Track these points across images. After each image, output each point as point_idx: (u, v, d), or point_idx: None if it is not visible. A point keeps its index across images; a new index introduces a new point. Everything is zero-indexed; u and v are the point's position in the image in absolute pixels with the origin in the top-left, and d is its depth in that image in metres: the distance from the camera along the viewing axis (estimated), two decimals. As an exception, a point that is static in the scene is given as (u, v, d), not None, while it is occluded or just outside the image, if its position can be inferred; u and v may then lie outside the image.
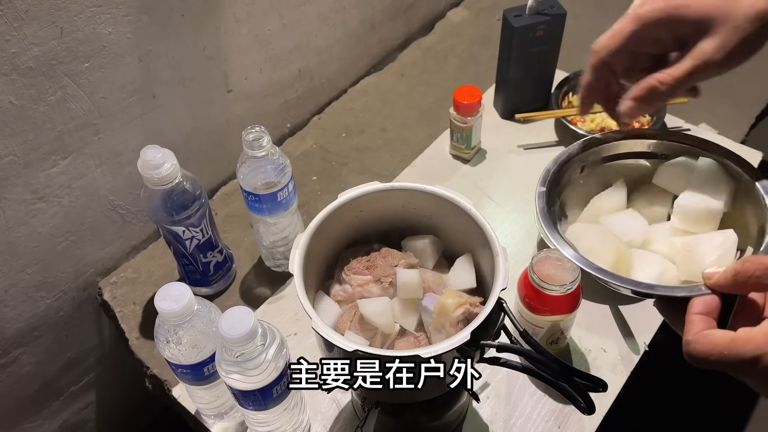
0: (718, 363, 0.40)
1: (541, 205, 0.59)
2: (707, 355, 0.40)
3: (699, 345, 0.40)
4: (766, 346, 0.38)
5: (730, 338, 0.39)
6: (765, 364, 0.37)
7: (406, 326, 0.59)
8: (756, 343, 0.38)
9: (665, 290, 0.49)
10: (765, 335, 0.38)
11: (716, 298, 0.43)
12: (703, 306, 0.43)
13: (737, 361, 0.39)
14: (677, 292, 0.48)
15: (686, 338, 0.42)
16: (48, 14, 0.68)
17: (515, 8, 0.96)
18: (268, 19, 0.95)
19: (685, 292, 0.46)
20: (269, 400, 0.61)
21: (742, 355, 0.38)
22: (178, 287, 0.59)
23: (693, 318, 0.43)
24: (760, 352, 0.38)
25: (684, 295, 0.46)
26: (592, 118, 1.03)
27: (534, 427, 0.72)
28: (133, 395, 1.08)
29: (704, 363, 0.40)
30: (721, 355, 0.39)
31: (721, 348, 0.39)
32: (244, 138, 0.73)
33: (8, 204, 0.76)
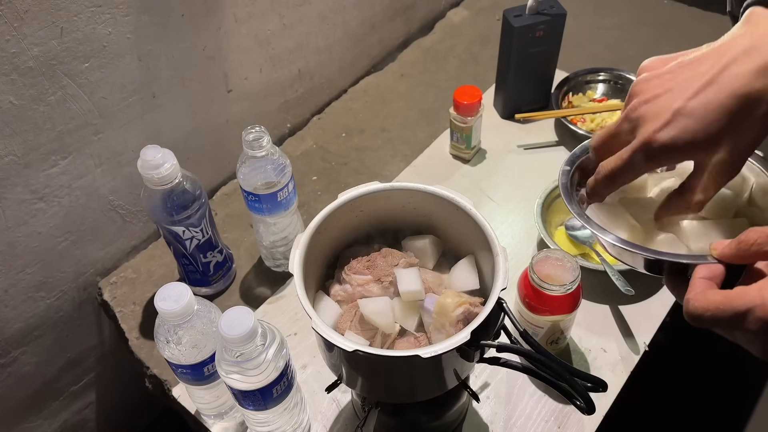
0: (713, 319, 0.41)
1: (563, 181, 0.59)
2: (704, 311, 0.41)
3: (696, 302, 0.42)
4: (759, 299, 0.39)
5: (724, 294, 0.41)
6: (756, 316, 0.39)
7: (406, 326, 0.59)
8: (750, 296, 0.39)
9: (671, 256, 0.49)
10: (759, 289, 0.39)
11: (721, 267, 0.45)
12: (707, 272, 0.45)
13: (731, 315, 0.40)
14: (683, 258, 0.48)
15: (686, 297, 0.43)
16: (48, 14, 0.68)
17: (515, 8, 0.96)
18: (268, 19, 0.95)
19: (690, 260, 0.47)
20: (269, 400, 0.61)
21: (736, 308, 0.39)
22: (178, 287, 0.59)
23: (695, 281, 0.44)
24: (752, 304, 0.39)
25: (689, 262, 0.47)
26: (593, 118, 1.03)
27: (534, 427, 0.72)
28: (133, 395, 1.08)
29: (701, 320, 0.41)
30: (716, 310, 0.40)
31: (716, 303, 0.41)
32: (244, 138, 0.73)
33: (8, 204, 0.76)
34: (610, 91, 1.09)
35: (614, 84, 1.09)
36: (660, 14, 1.29)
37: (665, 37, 1.23)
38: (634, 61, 1.23)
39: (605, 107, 1.03)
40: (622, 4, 1.32)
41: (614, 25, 1.27)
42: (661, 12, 1.30)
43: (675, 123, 0.48)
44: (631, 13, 1.30)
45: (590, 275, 0.81)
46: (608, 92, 1.09)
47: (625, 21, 1.28)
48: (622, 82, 1.08)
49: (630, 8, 1.31)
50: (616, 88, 1.09)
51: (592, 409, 0.49)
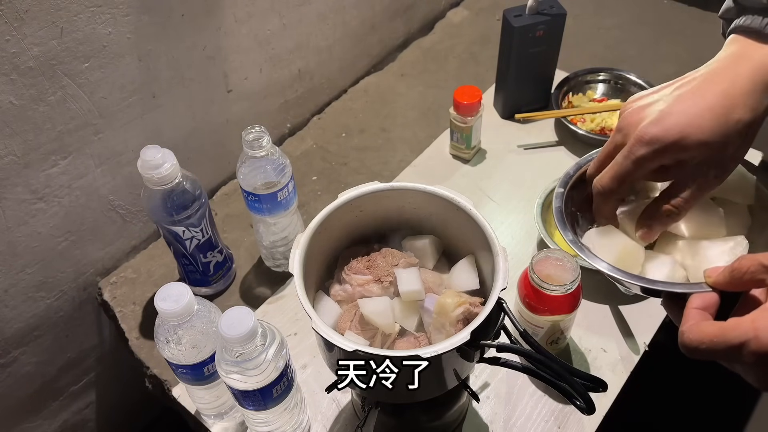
0: (709, 351, 0.41)
1: (558, 205, 0.60)
2: (699, 344, 0.41)
3: (691, 334, 0.42)
4: (752, 332, 0.39)
5: (719, 327, 0.41)
6: (750, 350, 0.38)
7: (406, 326, 0.59)
8: (743, 329, 0.39)
9: (666, 286, 0.49)
10: (752, 321, 0.39)
11: (715, 295, 0.45)
12: (701, 301, 0.45)
13: (726, 348, 0.40)
14: (677, 288, 0.48)
15: (681, 329, 0.44)
16: (48, 14, 0.68)
17: (515, 8, 0.96)
18: (268, 19, 0.95)
19: (684, 289, 0.47)
20: (269, 400, 0.61)
21: (730, 342, 0.39)
22: (178, 287, 0.59)
23: (689, 311, 0.45)
24: (745, 338, 0.39)
25: (683, 291, 0.47)
26: (592, 118, 1.03)
27: (534, 427, 0.72)
28: (133, 395, 1.08)
29: (697, 352, 0.42)
30: (711, 343, 0.40)
31: (711, 336, 0.41)
32: (244, 138, 0.73)
33: (8, 204, 0.76)
34: (610, 91, 1.09)
35: (614, 84, 1.09)
36: (660, 14, 1.29)
37: (665, 37, 1.23)
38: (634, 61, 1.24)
39: (605, 107, 1.03)
40: (622, 4, 1.32)
41: (614, 25, 1.27)
42: (661, 12, 1.30)
43: (663, 120, 0.49)
44: (631, 13, 1.30)
45: (590, 275, 0.81)
46: (608, 92, 1.09)
47: (625, 21, 1.28)
48: (622, 82, 1.08)
49: (630, 8, 1.31)
50: (616, 88, 1.09)
51: (592, 409, 0.49)
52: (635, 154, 0.50)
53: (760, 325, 0.39)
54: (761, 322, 0.39)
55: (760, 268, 0.41)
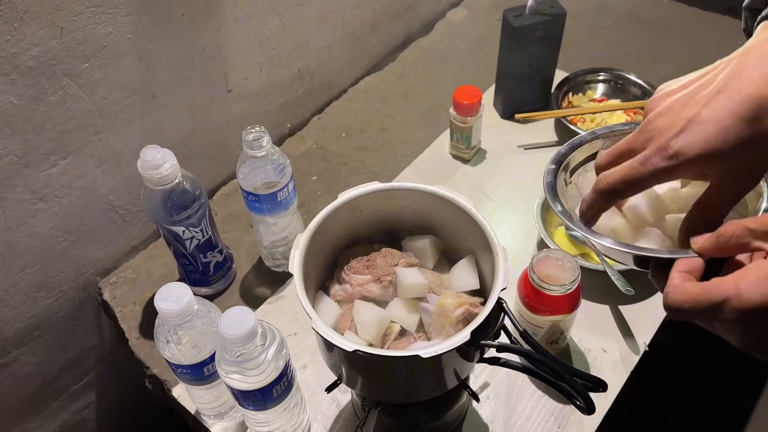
0: (692, 311, 0.41)
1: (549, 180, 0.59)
2: (682, 303, 0.42)
3: (675, 294, 0.42)
4: (734, 289, 0.39)
5: (701, 286, 0.41)
6: (732, 306, 0.39)
7: (406, 326, 0.59)
8: (725, 287, 0.40)
9: (652, 252, 0.49)
10: (734, 279, 0.40)
11: (700, 260, 0.46)
12: (686, 265, 0.45)
13: (708, 306, 0.40)
14: (664, 254, 0.48)
15: (665, 290, 0.44)
16: (48, 14, 0.68)
17: (515, 8, 0.96)
18: (268, 19, 0.95)
19: (671, 254, 0.47)
20: (269, 400, 0.61)
21: (712, 299, 0.40)
22: (178, 287, 0.59)
23: (674, 274, 0.45)
24: (727, 294, 0.39)
25: (670, 257, 0.47)
26: (593, 118, 1.03)
27: (534, 427, 0.72)
28: (133, 395, 1.08)
29: (680, 312, 0.42)
30: (694, 302, 0.41)
31: (694, 295, 0.41)
32: (244, 138, 0.73)
33: (8, 204, 0.76)
34: (610, 91, 1.09)
35: (614, 84, 1.09)
36: (660, 14, 1.29)
37: (665, 37, 1.23)
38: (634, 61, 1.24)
39: (605, 107, 1.03)
40: (622, 4, 1.32)
41: (614, 25, 1.27)
42: (661, 12, 1.30)
43: (690, 131, 0.47)
44: (631, 13, 1.30)
45: (590, 275, 0.81)
46: (608, 92, 1.09)
47: (625, 21, 1.28)
48: (622, 82, 1.08)
49: (630, 8, 1.31)
50: (616, 88, 1.09)
51: (592, 409, 0.49)
52: (654, 165, 0.48)
53: (743, 283, 0.39)
54: (744, 279, 0.39)
55: (746, 232, 0.42)
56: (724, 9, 1.27)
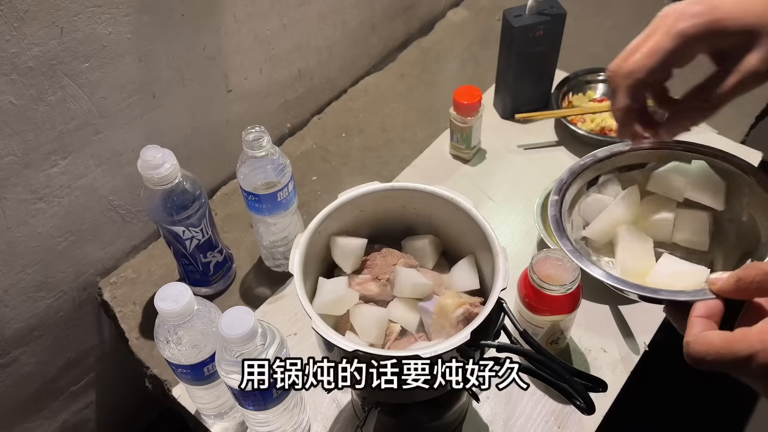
0: (715, 363, 0.40)
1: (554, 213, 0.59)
2: (705, 355, 0.40)
3: (697, 345, 0.41)
4: (759, 344, 0.38)
5: (725, 338, 0.40)
6: (759, 362, 0.38)
7: (406, 326, 0.59)
8: (750, 341, 0.39)
9: (669, 294, 0.49)
10: (759, 333, 0.39)
11: (719, 303, 0.44)
12: (705, 309, 0.44)
13: (733, 360, 0.39)
14: (680, 296, 0.48)
15: (686, 339, 0.43)
16: (48, 14, 0.68)
17: (515, 8, 0.96)
18: (268, 19, 0.95)
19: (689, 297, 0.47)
20: (269, 400, 0.61)
21: (737, 354, 0.39)
22: (178, 287, 0.59)
23: (693, 320, 0.43)
24: (753, 350, 0.38)
25: (687, 300, 0.46)
26: (592, 118, 1.03)
27: (534, 427, 0.72)
28: (133, 395, 1.08)
29: (702, 363, 0.41)
30: (717, 354, 0.40)
31: (717, 348, 0.40)
32: (244, 138, 0.73)
33: (8, 204, 0.76)
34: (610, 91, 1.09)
35: (614, 84, 1.09)
36: (660, 14, 1.29)
37: (665, 37, 1.23)
38: (634, 61, 1.22)
39: (605, 107, 1.03)
40: (622, 4, 1.32)
41: (614, 25, 1.27)
42: (661, 12, 1.30)
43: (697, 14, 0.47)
44: (631, 13, 1.30)
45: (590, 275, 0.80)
46: (608, 92, 1.09)
47: (625, 21, 1.28)
48: (622, 82, 1.08)
49: (630, 8, 1.31)
50: (616, 88, 1.08)
51: (592, 409, 0.49)
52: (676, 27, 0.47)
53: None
54: None
55: (766, 277, 0.41)
56: (724, 9, 1.27)
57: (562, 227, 0.59)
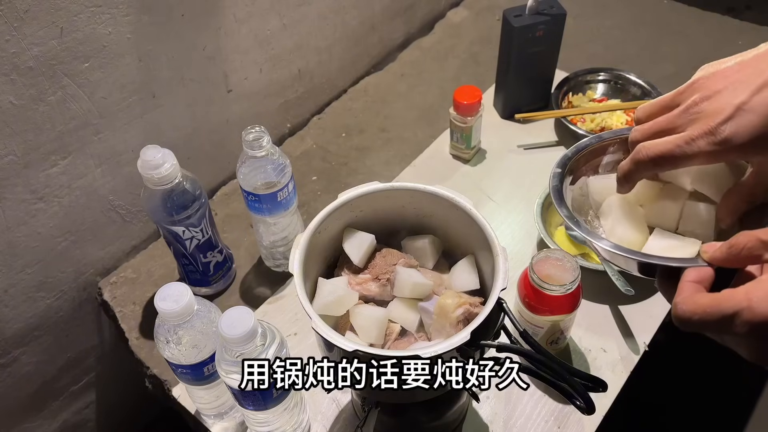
0: (702, 322, 0.41)
1: (555, 184, 0.59)
2: (691, 314, 0.41)
3: (685, 305, 0.42)
4: (746, 302, 0.38)
5: (712, 297, 0.41)
6: (743, 319, 0.38)
7: (406, 326, 0.59)
8: (737, 299, 0.39)
9: (661, 260, 0.49)
10: (746, 292, 0.39)
11: (710, 270, 0.45)
12: (696, 275, 0.44)
13: (719, 318, 0.39)
14: (673, 262, 0.48)
15: (675, 301, 0.43)
16: (48, 14, 0.68)
17: (515, 8, 0.96)
18: (268, 19, 0.95)
19: (680, 263, 0.47)
20: (269, 400, 0.61)
21: (723, 311, 0.39)
22: (178, 287, 0.59)
23: (684, 285, 0.44)
24: (739, 307, 0.39)
25: (679, 266, 0.46)
26: (592, 118, 1.03)
27: (534, 427, 0.72)
28: (133, 395, 1.08)
29: (690, 323, 0.41)
30: (704, 313, 0.40)
31: (704, 307, 0.40)
32: (244, 138, 0.73)
33: (8, 204, 0.76)
34: (610, 91, 1.09)
35: (614, 84, 1.09)
36: (660, 14, 1.29)
37: (665, 37, 1.23)
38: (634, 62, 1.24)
39: (605, 107, 1.03)
40: (622, 4, 1.32)
41: (614, 25, 1.27)
42: (661, 12, 1.30)
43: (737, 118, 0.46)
44: (631, 13, 1.30)
45: (590, 275, 0.81)
46: (608, 92, 1.09)
47: (625, 21, 1.28)
48: (622, 82, 1.08)
49: (630, 8, 1.31)
50: (616, 88, 1.08)
51: (592, 409, 0.49)
52: (699, 147, 0.47)
53: (754, 296, 0.38)
54: (755, 292, 0.39)
55: (758, 243, 0.41)
56: (724, 9, 1.27)
57: (561, 196, 0.58)
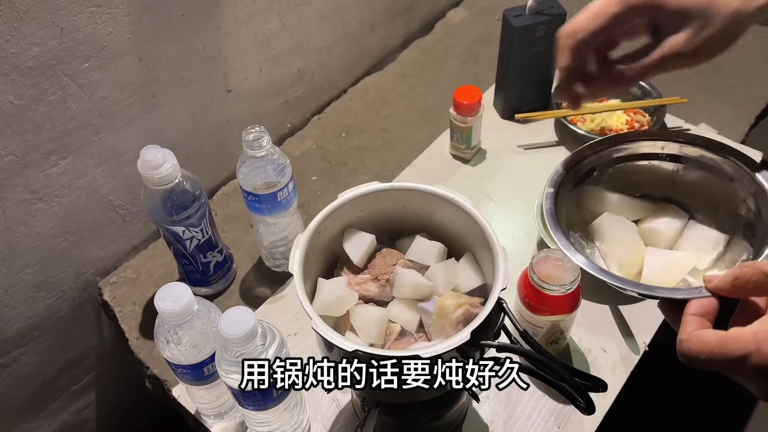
0: (708, 362, 0.40)
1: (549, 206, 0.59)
2: (698, 354, 0.40)
3: (690, 344, 0.41)
4: (753, 345, 0.38)
5: (720, 337, 0.40)
6: (752, 363, 0.38)
7: (406, 327, 0.59)
8: (744, 342, 0.38)
9: (665, 292, 0.49)
10: (753, 334, 0.38)
11: (714, 301, 0.44)
12: (700, 307, 0.44)
13: (726, 360, 0.39)
14: (677, 294, 0.48)
15: (679, 337, 0.43)
16: (48, 14, 0.68)
17: (515, 8, 0.96)
18: (268, 19, 0.95)
19: (684, 294, 0.47)
20: (269, 400, 0.61)
21: (730, 354, 0.39)
22: (178, 287, 0.59)
23: (688, 318, 0.43)
24: (747, 350, 0.38)
25: (683, 297, 0.46)
26: (592, 118, 1.03)
27: (534, 427, 0.72)
28: (133, 395, 1.08)
29: (696, 362, 0.41)
30: (711, 353, 0.39)
31: (711, 347, 0.40)
32: (244, 138, 0.73)
33: (8, 204, 0.76)
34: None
35: (614, 84, 1.08)
36: (660, 14, 1.29)
37: (665, 37, 1.23)
38: (634, 61, 1.22)
39: (605, 107, 1.03)
40: (622, 4, 1.32)
41: (614, 25, 1.27)
42: (661, 12, 1.30)
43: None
44: (631, 13, 1.30)
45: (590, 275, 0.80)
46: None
47: (625, 21, 1.28)
48: (622, 82, 1.08)
49: (630, 8, 1.31)
50: (616, 88, 1.08)
51: (592, 409, 0.49)
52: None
53: (762, 338, 0.38)
54: (763, 334, 0.38)
55: (763, 277, 0.41)
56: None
57: (556, 220, 0.58)
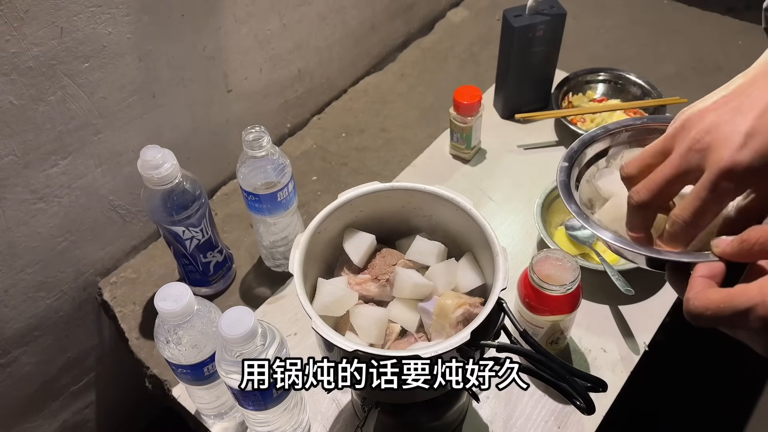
0: (714, 318, 0.40)
1: (562, 178, 0.59)
2: (704, 310, 0.41)
3: (697, 301, 0.41)
4: (759, 297, 0.38)
5: (725, 292, 0.40)
6: (758, 314, 0.38)
7: (406, 326, 0.59)
8: (750, 294, 0.39)
9: (672, 255, 0.49)
10: (759, 287, 0.39)
11: (721, 265, 0.44)
12: (707, 270, 0.44)
13: (732, 314, 0.39)
14: (684, 257, 0.48)
15: (686, 296, 0.43)
16: (48, 14, 0.68)
17: (515, 8, 0.96)
18: (268, 19, 0.95)
19: (691, 258, 0.47)
20: (269, 400, 0.61)
21: (736, 307, 0.39)
22: (178, 287, 0.59)
23: (695, 280, 0.44)
24: (753, 302, 0.38)
25: (690, 260, 0.46)
26: (592, 118, 1.03)
27: (534, 427, 0.72)
28: (133, 395, 1.08)
29: (702, 319, 0.41)
30: (717, 308, 0.40)
31: (717, 302, 0.40)
32: (244, 138, 0.73)
33: (8, 204, 0.76)
34: (609, 91, 1.09)
35: (614, 84, 1.09)
36: (660, 14, 1.29)
37: (665, 37, 1.23)
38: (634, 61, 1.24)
39: (605, 107, 1.03)
40: (622, 4, 1.32)
41: (614, 25, 1.27)
42: (661, 12, 1.30)
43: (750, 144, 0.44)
44: (631, 13, 1.30)
45: (590, 275, 0.81)
46: (608, 92, 1.09)
47: (625, 21, 1.28)
48: (621, 82, 1.08)
49: (630, 8, 1.31)
50: (615, 88, 1.08)
51: (592, 409, 0.49)
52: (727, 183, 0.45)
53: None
54: None
55: None
56: (724, 9, 1.27)
57: (569, 191, 0.58)
